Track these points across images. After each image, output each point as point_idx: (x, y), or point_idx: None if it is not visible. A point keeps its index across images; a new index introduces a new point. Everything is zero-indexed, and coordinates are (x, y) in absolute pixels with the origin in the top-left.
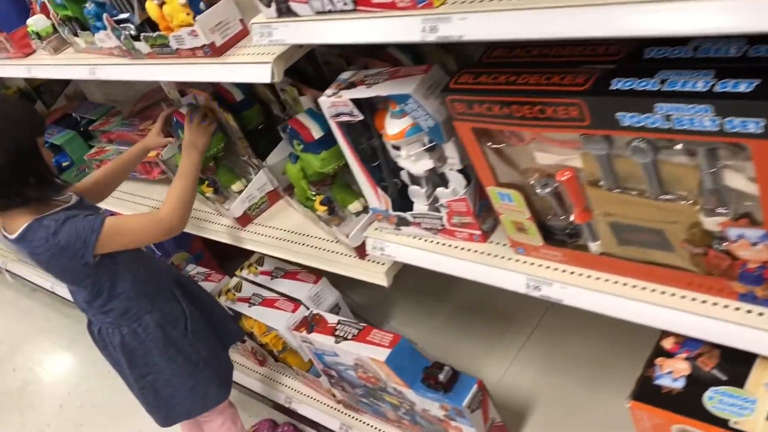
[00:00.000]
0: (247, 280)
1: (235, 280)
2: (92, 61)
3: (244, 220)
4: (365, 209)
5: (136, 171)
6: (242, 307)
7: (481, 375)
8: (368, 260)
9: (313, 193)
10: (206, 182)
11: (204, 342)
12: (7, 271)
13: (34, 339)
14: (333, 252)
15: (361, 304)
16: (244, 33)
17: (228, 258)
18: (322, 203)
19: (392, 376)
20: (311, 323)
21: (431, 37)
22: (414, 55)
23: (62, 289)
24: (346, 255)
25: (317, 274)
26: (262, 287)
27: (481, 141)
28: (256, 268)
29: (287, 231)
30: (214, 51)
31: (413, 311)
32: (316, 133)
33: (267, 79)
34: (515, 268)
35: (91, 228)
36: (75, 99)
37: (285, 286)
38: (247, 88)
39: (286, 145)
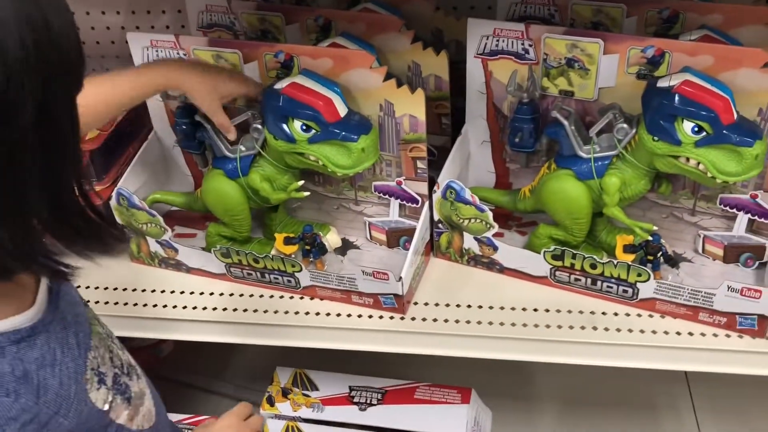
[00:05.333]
0: (303, 420)
1: (278, 426)
2: None
3: (407, 299)
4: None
5: None
6: None
7: None
8: None
9: None
10: (285, 236)
11: None
12: None
13: None
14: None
15: None
16: None
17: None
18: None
19: None
20: None
21: None
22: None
23: None
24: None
25: (456, 386)
26: (353, 429)
27: None
28: (306, 395)
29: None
30: None
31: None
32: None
33: None
34: None
35: None
36: None
37: (401, 417)
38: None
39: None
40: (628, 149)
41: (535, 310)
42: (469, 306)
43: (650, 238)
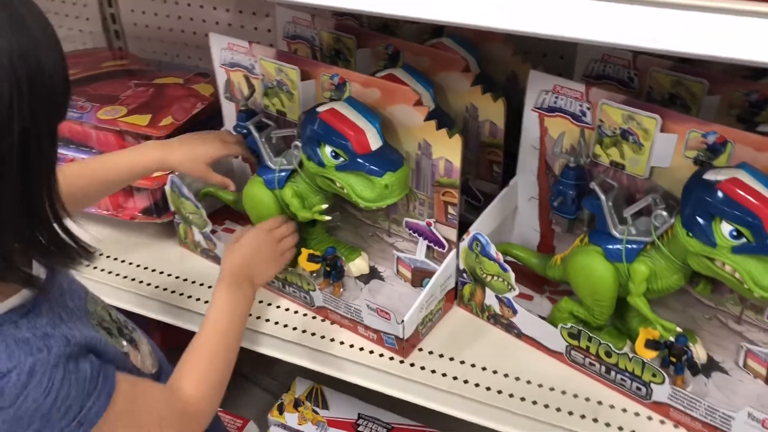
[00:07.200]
0: None
1: None
2: None
3: (411, 343)
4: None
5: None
6: None
7: None
8: None
9: None
10: (309, 253)
11: None
12: None
13: None
14: None
15: None
16: None
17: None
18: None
19: None
20: None
21: None
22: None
23: None
24: None
25: None
26: None
27: None
28: (315, 412)
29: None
30: None
31: None
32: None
33: None
34: None
35: (87, 402)
36: None
37: None
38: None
39: None
40: (663, 238)
41: (540, 386)
42: (473, 365)
43: (672, 338)
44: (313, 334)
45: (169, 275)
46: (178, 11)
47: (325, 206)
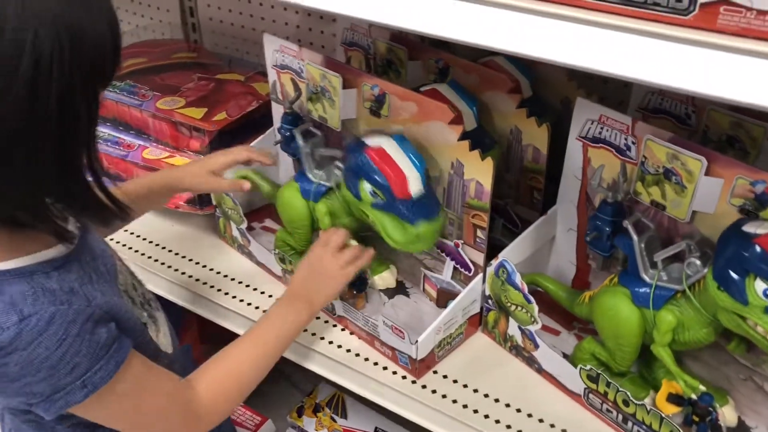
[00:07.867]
0: None
1: None
2: None
3: (426, 364)
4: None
5: None
6: None
7: None
8: None
9: None
10: None
11: None
12: None
13: None
14: None
15: None
16: None
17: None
18: None
19: None
20: None
21: None
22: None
23: None
24: None
25: None
26: None
27: None
28: (333, 420)
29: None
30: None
31: None
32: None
33: None
34: None
35: (92, 368)
36: None
37: None
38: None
39: None
40: (695, 288)
41: (552, 426)
42: (486, 395)
43: (693, 396)
44: (331, 343)
45: (204, 266)
46: (251, 9)
47: (354, 243)
